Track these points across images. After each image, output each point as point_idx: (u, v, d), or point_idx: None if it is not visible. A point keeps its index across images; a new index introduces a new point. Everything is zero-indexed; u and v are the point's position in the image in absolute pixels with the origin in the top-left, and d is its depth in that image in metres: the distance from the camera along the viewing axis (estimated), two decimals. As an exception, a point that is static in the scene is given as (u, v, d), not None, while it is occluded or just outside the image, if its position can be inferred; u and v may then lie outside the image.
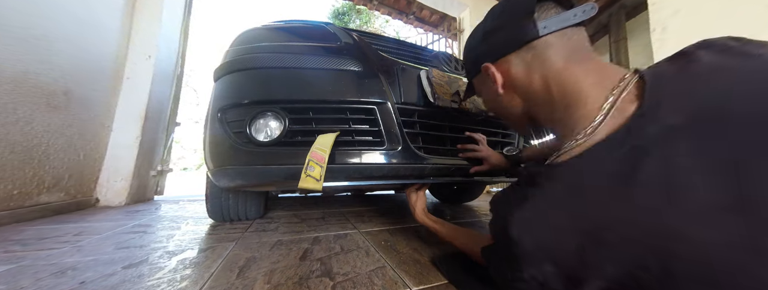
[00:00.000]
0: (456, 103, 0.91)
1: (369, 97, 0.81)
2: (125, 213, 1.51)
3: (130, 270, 0.70)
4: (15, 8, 1.27)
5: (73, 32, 1.57)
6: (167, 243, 0.94)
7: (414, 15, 3.93)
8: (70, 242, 0.95)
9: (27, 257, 0.80)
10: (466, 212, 1.57)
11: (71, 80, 1.56)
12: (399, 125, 0.82)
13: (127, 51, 1.98)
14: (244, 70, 0.84)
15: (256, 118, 0.78)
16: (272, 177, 0.77)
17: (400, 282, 0.63)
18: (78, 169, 1.62)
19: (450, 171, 0.89)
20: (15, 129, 1.27)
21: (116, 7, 1.89)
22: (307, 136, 0.78)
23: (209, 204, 1.18)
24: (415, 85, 0.90)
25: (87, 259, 0.78)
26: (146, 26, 2.04)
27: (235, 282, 0.63)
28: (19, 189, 1.29)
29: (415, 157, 0.82)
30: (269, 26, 0.98)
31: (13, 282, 0.63)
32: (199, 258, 0.80)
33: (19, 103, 1.28)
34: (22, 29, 1.30)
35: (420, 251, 0.84)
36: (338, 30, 0.95)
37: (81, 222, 1.27)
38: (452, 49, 3.66)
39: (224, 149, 0.82)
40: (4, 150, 1.23)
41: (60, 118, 1.50)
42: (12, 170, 1.26)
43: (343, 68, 0.82)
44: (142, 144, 1.92)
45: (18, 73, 1.28)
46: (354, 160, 0.77)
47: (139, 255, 0.82)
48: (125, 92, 1.94)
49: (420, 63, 0.99)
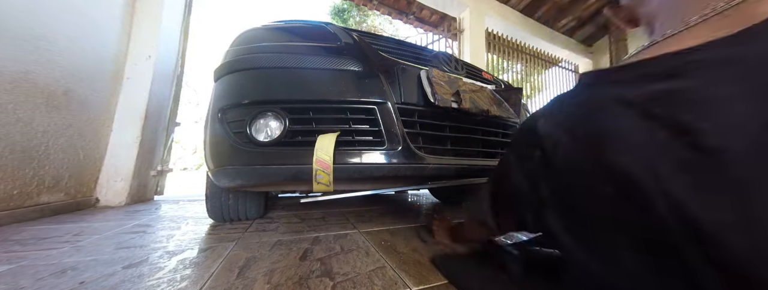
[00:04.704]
0: (456, 103, 0.91)
1: (369, 96, 0.81)
2: (125, 213, 1.51)
3: (130, 270, 0.70)
4: (15, 8, 1.27)
5: (74, 32, 1.57)
6: (167, 243, 0.94)
7: (414, 15, 3.93)
8: (70, 242, 0.95)
9: (27, 257, 0.80)
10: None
11: (71, 80, 1.56)
12: (399, 125, 0.82)
13: (127, 51, 1.98)
14: (244, 70, 0.84)
15: (256, 118, 0.78)
16: (272, 177, 0.77)
17: (400, 282, 0.63)
18: (78, 169, 1.62)
19: (450, 172, 0.89)
20: (15, 129, 1.27)
21: (116, 7, 1.89)
22: (307, 136, 0.78)
23: (209, 204, 1.18)
24: (415, 84, 0.90)
25: (87, 259, 0.78)
26: (146, 26, 2.04)
27: (235, 282, 0.63)
28: (19, 189, 1.29)
29: (416, 157, 0.82)
30: (269, 26, 0.98)
31: (13, 282, 0.63)
32: (199, 258, 0.80)
33: (19, 103, 1.28)
34: (22, 29, 1.30)
35: (420, 251, 0.84)
36: (338, 30, 0.95)
37: (81, 222, 1.27)
38: (452, 49, 3.66)
39: (224, 149, 0.82)
40: (4, 150, 1.23)
41: (60, 118, 1.50)
42: (12, 170, 1.26)
43: (344, 68, 0.82)
44: (142, 144, 1.92)
45: (18, 73, 1.28)
46: (354, 160, 0.77)
47: (139, 255, 0.82)
48: (125, 92, 1.93)
49: (420, 63, 0.99)
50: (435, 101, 0.86)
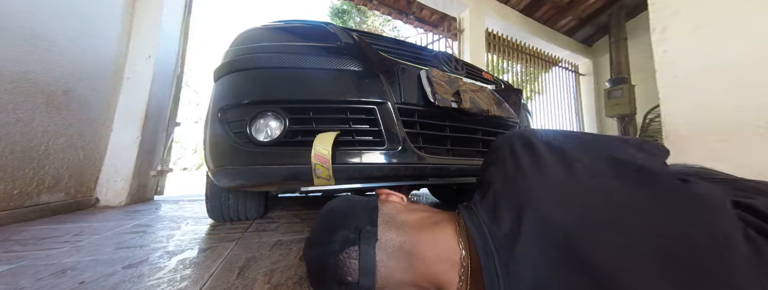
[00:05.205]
0: (456, 103, 0.91)
1: (369, 96, 0.81)
2: (125, 213, 1.51)
3: (130, 270, 0.70)
4: (15, 8, 1.27)
5: (74, 32, 1.57)
6: (167, 243, 0.94)
7: (414, 15, 3.93)
8: (70, 242, 0.95)
9: (27, 257, 0.80)
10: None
11: (71, 80, 1.55)
12: (399, 125, 0.82)
13: (127, 51, 1.98)
14: (244, 70, 0.84)
15: (256, 118, 0.78)
16: (272, 177, 0.77)
17: (400, 282, 0.63)
18: (78, 169, 1.62)
19: (450, 172, 0.89)
20: (15, 129, 1.27)
21: (116, 7, 1.89)
22: (307, 136, 0.77)
23: (209, 204, 1.17)
24: (415, 84, 0.90)
25: (87, 259, 0.78)
26: (146, 26, 2.04)
27: (235, 282, 0.63)
28: (18, 189, 1.29)
29: (416, 157, 0.82)
30: (269, 26, 0.98)
31: (13, 282, 0.63)
32: (199, 258, 0.80)
33: (19, 103, 1.28)
34: (23, 29, 1.30)
35: (420, 251, 0.84)
36: (338, 30, 0.95)
37: (81, 222, 1.27)
38: (452, 49, 3.65)
39: (224, 149, 0.82)
40: (4, 150, 1.23)
41: (60, 118, 1.50)
42: (12, 170, 1.26)
43: (343, 68, 0.82)
44: (142, 144, 1.92)
45: (18, 73, 1.28)
46: (354, 160, 0.77)
47: (139, 255, 0.81)
48: (125, 92, 1.93)
49: (420, 63, 0.99)
50: (435, 101, 0.86)
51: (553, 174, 0.37)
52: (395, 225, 0.43)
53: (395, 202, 0.50)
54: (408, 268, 0.39)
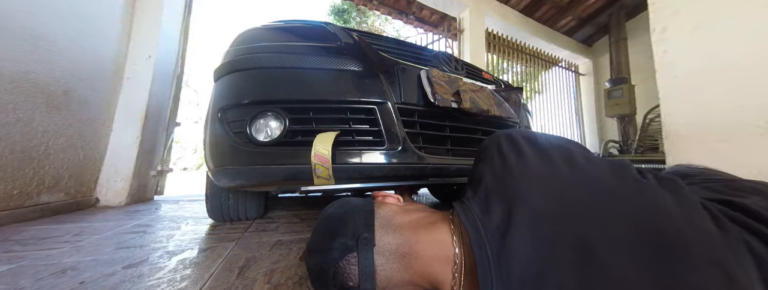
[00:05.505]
0: (456, 103, 0.91)
1: (369, 96, 0.81)
2: (125, 213, 1.51)
3: (130, 270, 0.70)
4: (15, 8, 1.27)
5: (74, 32, 1.57)
6: (167, 243, 0.94)
7: (414, 15, 3.93)
8: (70, 242, 0.95)
9: (27, 257, 0.80)
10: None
11: (71, 80, 1.55)
12: (399, 125, 0.82)
13: (127, 51, 1.98)
14: (244, 70, 0.84)
15: (256, 118, 0.78)
16: (272, 177, 0.77)
17: (400, 282, 0.63)
18: (78, 169, 1.62)
19: (450, 172, 0.89)
20: (15, 129, 1.27)
21: (116, 7, 1.89)
22: (307, 136, 0.77)
23: (209, 204, 1.17)
24: (415, 84, 0.90)
25: (87, 259, 0.78)
26: (146, 26, 2.04)
27: (235, 282, 0.63)
28: (18, 189, 1.29)
29: (416, 157, 0.82)
30: (269, 26, 0.98)
31: (13, 282, 0.63)
32: (199, 258, 0.80)
33: (19, 103, 1.28)
34: (23, 29, 1.30)
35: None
36: (338, 30, 0.95)
37: (81, 222, 1.27)
38: (452, 49, 3.66)
39: (224, 149, 0.82)
40: (4, 150, 1.23)
41: (60, 118, 1.50)
42: (12, 170, 1.26)
43: (343, 68, 0.82)
44: (142, 144, 1.92)
45: (18, 73, 1.28)
46: (354, 160, 0.77)
47: (139, 255, 0.82)
48: (125, 92, 1.93)
49: (420, 63, 0.99)
50: (435, 101, 0.86)
51: (537, 168, 0.40)
52: (392, 227, 0.44)
53: (392, 204, 0.51)
54: (407, 268, 0.40)
